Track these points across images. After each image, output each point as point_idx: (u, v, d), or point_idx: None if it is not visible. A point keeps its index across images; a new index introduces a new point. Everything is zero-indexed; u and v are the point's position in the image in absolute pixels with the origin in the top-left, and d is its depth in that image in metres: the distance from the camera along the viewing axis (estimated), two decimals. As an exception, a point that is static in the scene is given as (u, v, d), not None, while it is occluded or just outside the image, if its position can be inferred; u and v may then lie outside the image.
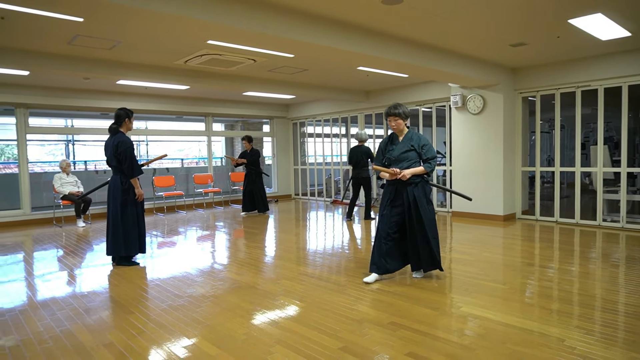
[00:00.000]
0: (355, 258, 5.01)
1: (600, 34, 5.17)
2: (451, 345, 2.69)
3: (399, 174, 3.82)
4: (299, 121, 11.80)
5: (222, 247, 5.97)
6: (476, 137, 7.51)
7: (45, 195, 8.67)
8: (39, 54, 5.58)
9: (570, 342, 2.69)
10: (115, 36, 5.01)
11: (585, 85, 6.64)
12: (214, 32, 4.21)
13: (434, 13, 4.44)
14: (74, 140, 12.81)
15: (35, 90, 7.86)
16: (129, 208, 4.74)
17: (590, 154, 7.26)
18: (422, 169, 3.88)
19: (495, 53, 6.21)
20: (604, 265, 4.52)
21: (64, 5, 3.49)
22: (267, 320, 3.13)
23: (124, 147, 4.60)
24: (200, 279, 4.26)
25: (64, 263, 5.11)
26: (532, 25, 4.91)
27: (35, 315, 3.37)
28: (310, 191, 11.73)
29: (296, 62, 6.55)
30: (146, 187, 9.03)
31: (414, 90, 8.70)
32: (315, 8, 4.30)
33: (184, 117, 11.33)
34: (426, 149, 3.92)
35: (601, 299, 3.51)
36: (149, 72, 6.59)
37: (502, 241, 5.85)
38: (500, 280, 4.04)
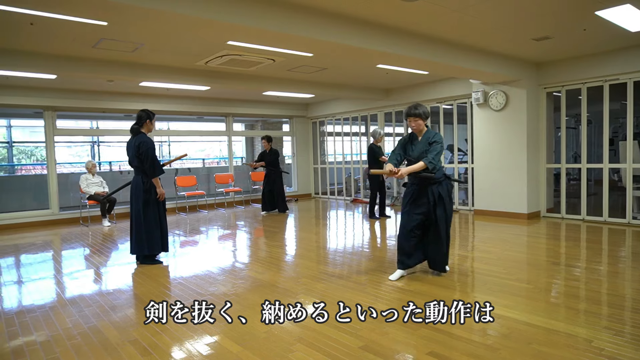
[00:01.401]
0: (375, 257, 4.98)
1: (629, 25, 4.99)
2: (474, 345, 2.65)
3: (397, 173, 3.77)
4: (319, 120, 11.80)
5: (243, 246, 6.02)
6: (499, 134, 7.37)
7: (72, 195, 8.92)
8: (65, 57, 5.74)
9: (598, 343, 2.61)
10: (137, 39, 5.11)
11: (614, 79, 6.43)
12: (233, 32, 4.25)
13: (453, 8, 4.37)
14: (99, 142, 13.14)
15: (62, 93, 8.09)
16: (151, 207, 4.82)
17: (619, 149, 7.03)
18: (420, 165, 3.77)
19: (517, 48, 6.08)
20: (634, 264, 4.37)
21: (87, 10, 3.57)
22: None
23: (145, 147, 4.69)
24: (222, 277, 4.31)
25: (91, 261, 5.24)
26: (556, 18, 4.79)
27: (64, 311, 3.47)
28: (330, 190, 11.73)
29: (315, 61, 6.55)
30: (169, 187, 9.19)
31: (435, 88, 8.59)
32: (333, 6, 4.29)
33: (205, 117, 11.47)
34: (433, 146, 3.83)
35: (631, 299, 3.39)
36: (171, 73, 6.70)
37: (526, 239, 5.73)
38: (525, 279, 3.96)
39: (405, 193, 4.09)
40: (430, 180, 3.89)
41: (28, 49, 5.37)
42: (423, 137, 3.96)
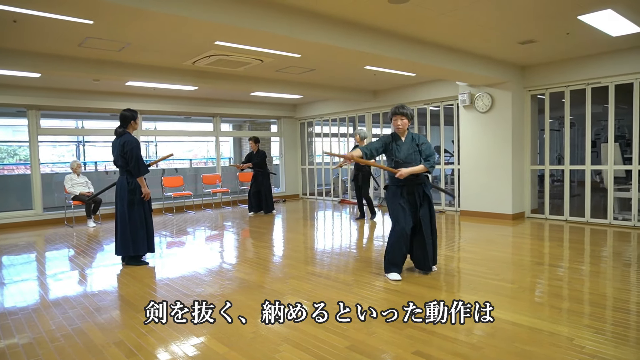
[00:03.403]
0: (362, 257, 5.01)
1: (610, 30, 5.11)
2: (459, 344, 2.69)
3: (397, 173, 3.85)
4: (307, 121, 11.81)
5: (230, 247, 6.00)
6: (484, 135, 7.46)
7: (57, 195, 8.78)
8: (50, 56, 5.65)
9: (580, 341, 2.67)
10: (124, 38, 5.06)
11: (596, 82, 6.56)
12: (221, 32, 4.24)
13: (440, 11, 4.42)
14: (85, 142, 12.96)
15: (47, 92, 7.97)
16: (136, 208, 4.79)
17: (601, 151, 7.17)
18: (422, 167, 3.90)
19: (503, 51, 6.16)
20: (615, 264, 4.47)
21: (74, 8, 3.53)
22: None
23: (130, 147, 4.65)
24: (209, 278, 4.29)
25: (75, 262, 5.17)
26: (541, 22, 4.87)
27: (48, 313, 3.42)
28: (317, 191, 11.74)
29: (303, 62, 6.56)
30: (155, 187, 9.11)
31: (422, 89, 8.66)
32: (322, 8, 4.31)
33: (192, 117, 11.40)
34: (425, 147, 3.98)
35: (612, 298, 3.47)
36: (158, 73, 6.64)
37: (510, 240, 5.81)
38: (509, 279, 4.02)
39: (393, 194, 4.04)
40: (418, 180, 3.95)
41: (11, 46, 5.28)
42: (407, 139, 4.04)
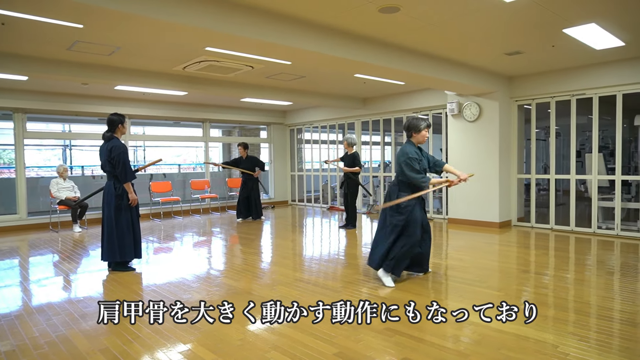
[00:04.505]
0: (351, 264, 5.02)
1: (594, 44, 5.23)
2: (445, 350, 2.71)
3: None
4: (296, 127, 11.84)
5: (218, 253, 5.97)
6: (472, 144, 7.55)
7: (42, 200, 8.66)
8: (38, 59, 5.60)
9: (564, 349, 2.70)
10: (114, 42, 5.04)
11: (580, 94, 6.70)
12: (212, 39, 4.25)
13: (430, 22, 4.49)
14: (72, 145, 12.80)
15: (34, 95, 7.87)
16: (123, 213, 4.75)
17: (585, 161, 7.31)
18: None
19: (491, 61, 6.27)
20: (599, 272, 4.55)
21: (64, 12, 3.51)
22: (262, 326, 3.14)
23: (117, 152, 4.63)
24: (196, 284, 4.26)
25: (60, 268, 5.10)
26: (527, 35, 4.97)
27: (31, 320, 3.36)
28: (307, 197, 11.74)
29: (293, 69, 6.59)
30: (143, 193, 9.03)
31: (411, 98, 8.75)
32: (313, 16, 4.35)
33: (182, 122, 11.35)
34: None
35: (596, 306, 3.53)
36: (148, 78, 6.61)
37: (497, 248, 5.87)
38: (496, 286, 4.06)
39: (414, 207, 4.06)
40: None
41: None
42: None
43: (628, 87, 6.21)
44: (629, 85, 6.20)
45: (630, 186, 7.31)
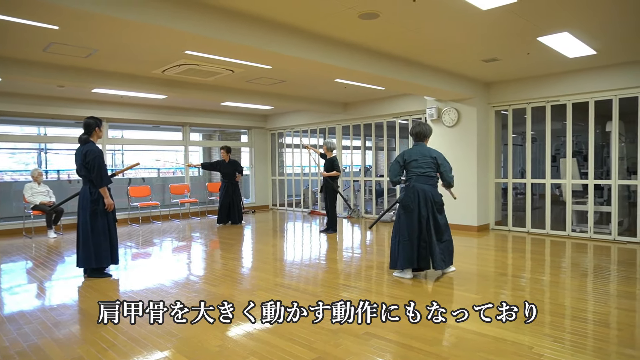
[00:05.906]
0: (331, 268, 5.02)
1: (567, 52, 5.38)
2: (424, 354, 2.73)
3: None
4: (277, 132, 11.82)
5: (197, 259, 5.90)
6: (451, 149, 7.64)
7: (15, 205, 8.41)
8: (12, 60, 5.45)
9: (538, 350, 2.76)
10: (91, 44, 4.96)
11: (555, 100, 6.88)
12: (191, 42, 4.21)
13: (408, 28, 4.55)
14: (47, 149, 12.49)
15: (7, 97, 7.66)
16: (99, 218, 4.65)
17: (560, 166, 7.49)
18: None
19: (468, 68, 6.38)
20: (574, 274, 4.66)
21: (37, 13, 3.43)
22: (241, 332, 3.11)
23: (92, 156, 4.54)
24: (175, 290, 4.20)
25: (33, 275, 4.96)
26: (503, 42, 5.08)
27: (1, 329, 3.25)
28: (288, 202, 11.71)
29: (274, 74, 6.59)
30: (121, 197, 8.88)
31: (391, 103, 8.84)
32: (293, 21, 4.35)
33: (161, 126, 11.20)
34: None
35: (570, 307, 3.61)
36: (126, 81, 6.51)
37: (475, 251, 5.96)
38: (474, 290, 4.12)
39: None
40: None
41: (-31, 50, 5.08)
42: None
43: (600, 94, 6.41)
44: (600, 92, 6.39)
45: (603, 190, 7.52)
